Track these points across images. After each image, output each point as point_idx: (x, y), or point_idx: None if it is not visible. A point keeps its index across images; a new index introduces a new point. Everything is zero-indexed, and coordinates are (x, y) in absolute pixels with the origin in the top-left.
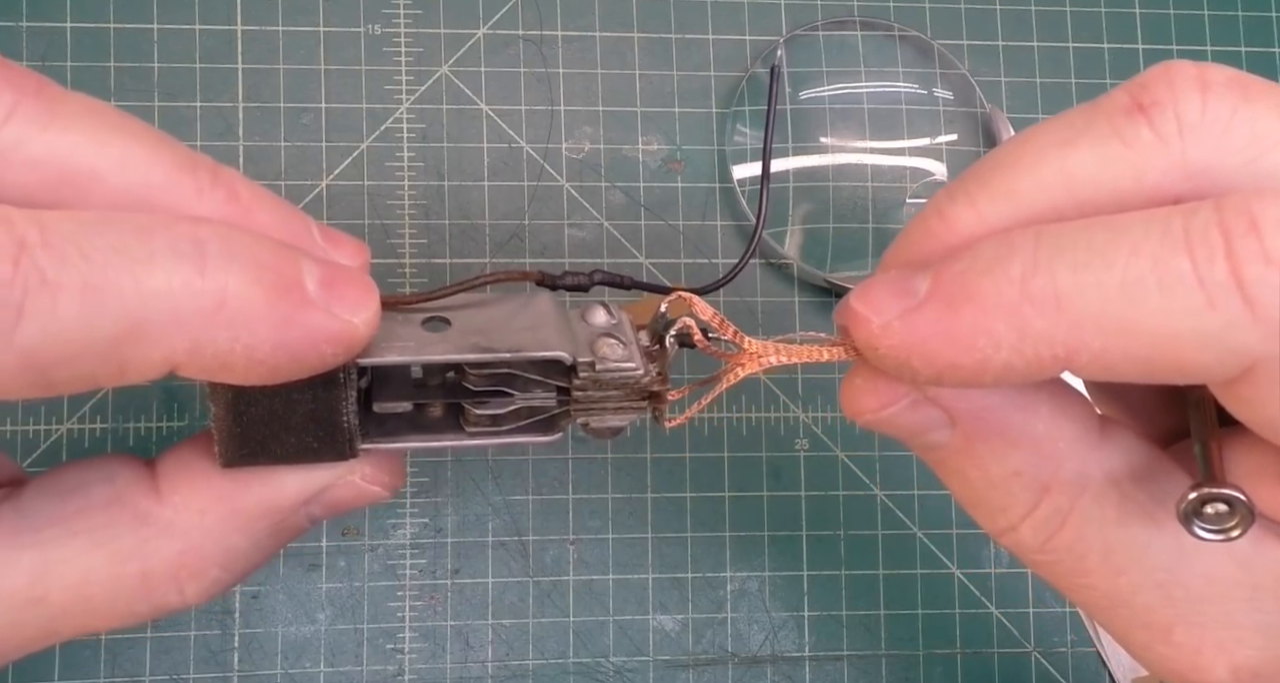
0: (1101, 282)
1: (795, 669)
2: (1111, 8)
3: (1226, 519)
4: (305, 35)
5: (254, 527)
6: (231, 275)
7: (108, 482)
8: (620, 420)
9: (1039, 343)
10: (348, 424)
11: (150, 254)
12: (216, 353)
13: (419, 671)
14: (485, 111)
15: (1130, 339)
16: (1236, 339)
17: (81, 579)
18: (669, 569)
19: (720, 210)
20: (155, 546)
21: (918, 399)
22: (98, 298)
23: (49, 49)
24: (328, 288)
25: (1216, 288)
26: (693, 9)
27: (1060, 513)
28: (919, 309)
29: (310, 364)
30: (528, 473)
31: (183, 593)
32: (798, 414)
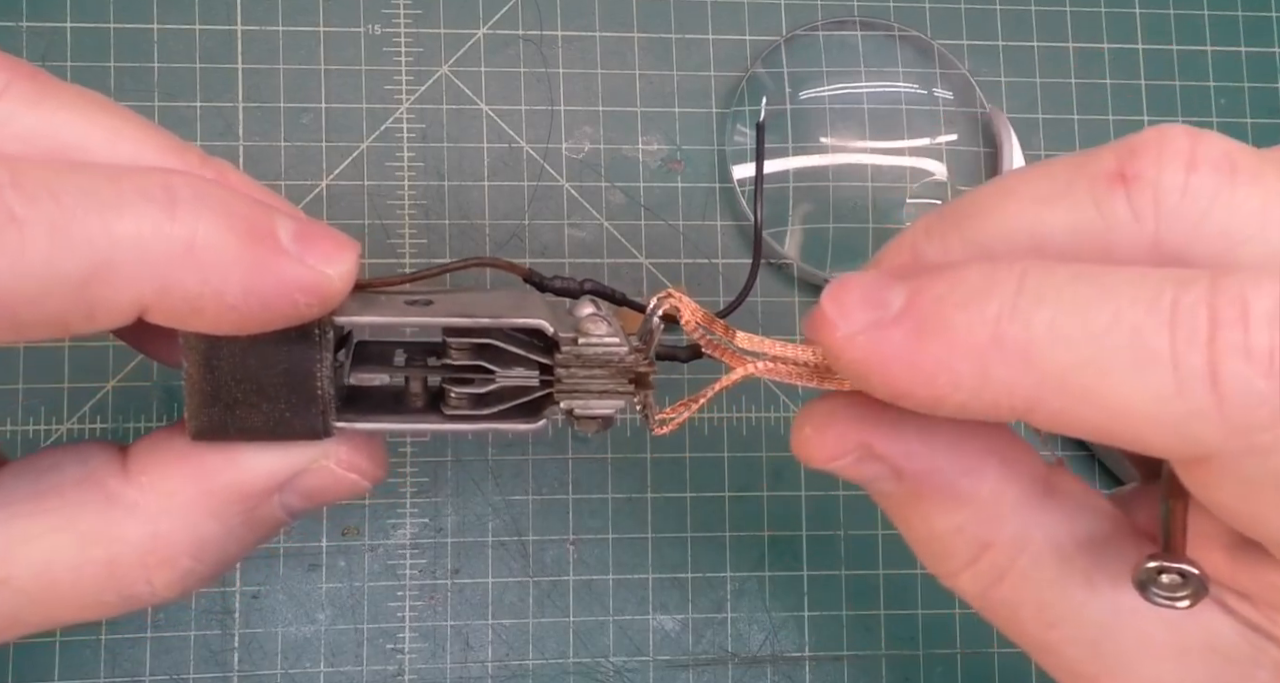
0: (1075, 342)
1: (795, 669)
2: (1111, 8)
3: (1179, 589)
4: (305, 35)
5: (225, 512)
6: (202, 220)
7: (81, 463)
8: (606, 407)
9: (999, 392)
10: (322, 392)
11: (120, 197)
12: (186, 296)
13: (419, 671)
14: (485, 111)
15: (1091, 407)
16: (1198, 430)
17: (46, 561)
18: (669, 569)
19: (720, 210)
20: (122, 529)
21: (864, 455)
22: (65, 237)
23: (49, 49)
24: (301, 240)
25: (1190, 375)
26: (693, 9)
27: (998, 569)
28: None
29: (284, 313)
30: (528, 473)
31: (151, 583)
32: (792, 416)
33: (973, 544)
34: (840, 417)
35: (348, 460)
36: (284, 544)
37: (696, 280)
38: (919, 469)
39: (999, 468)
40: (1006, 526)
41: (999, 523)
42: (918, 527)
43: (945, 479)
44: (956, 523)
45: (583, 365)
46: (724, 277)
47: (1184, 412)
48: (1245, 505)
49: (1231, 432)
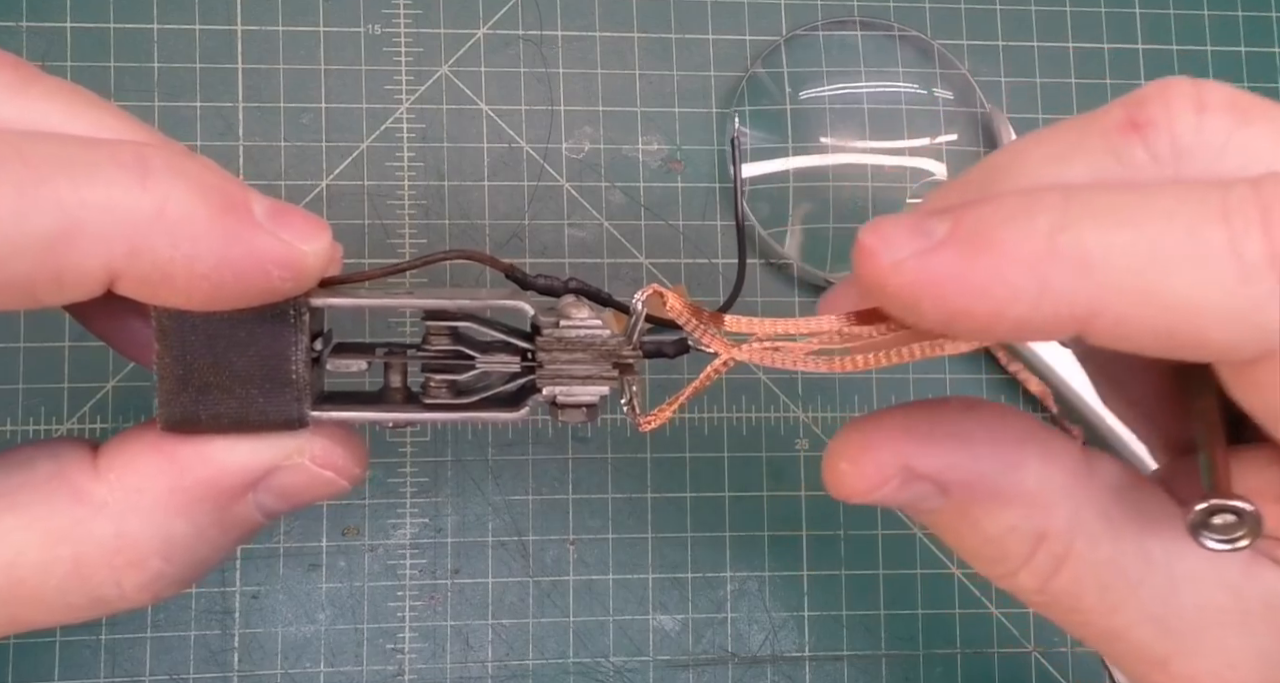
0: (1133, 245)
1: (795, 669)
2: (1111, 8)
3: (1235, 529)
4: (305, 35)
5: (196, 510)
6: (175, 188)
7: (52, 459)
8: (589, 393)
9: (1059, 301)
10: (297, 375)
11: (92, 163)
12: (156, 262)
13: (419, 671)
14: (485, 111)
15: (1155, 308)
16: (1266, 319)
17: (11, 559)
18: (669, 569)
19: (720, 210)
20: (89, 527)
21: (906, 478)
22: (34, 196)
23: (49, 49)
24: (275, 216)
25: (1252, 264)
26: (693, 9)
27: (1056, 558)
28: (936, 249)
29: (258, 286)
30: (528, 473)
31: (120, 586)
32: (798, 414)
33: (1028, 539)
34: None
35: (323, 457)
36: (284, 544)
37: (696, 280)
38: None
39: (1040, 454)
40: (1058, 511)
41: (1050, 510)
42: (969, 536)
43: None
44: (1009, 522)
45: (564, 349)
46: (724, 277)
47: (1251, 302)
48: None
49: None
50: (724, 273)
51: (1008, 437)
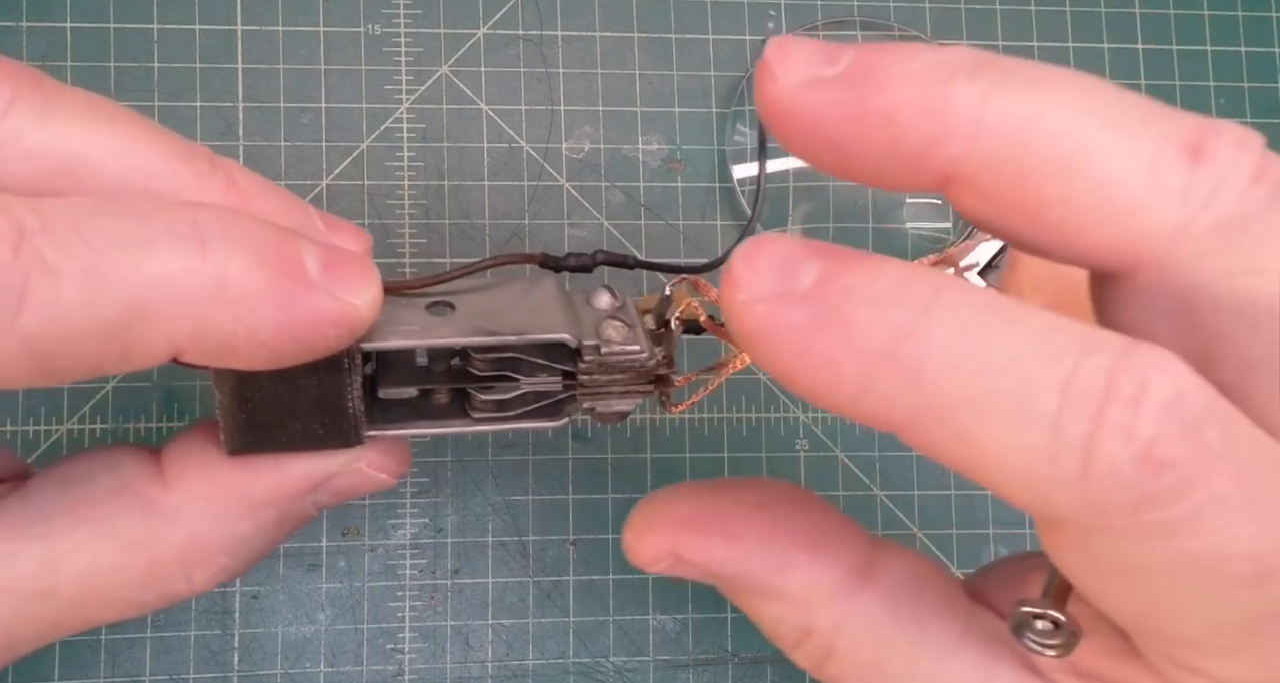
0: (967, 376)
1: (795, 669)
2: (1111, 8)
3: (1052, 636)
4: (305, 35)
5: (260, 514)
6: (232, 258)
7: (113, 470)
8: (626, 404)
9: (878, 403)
10: (353, 410)
11: (150, 238)
12: (220, 335)
13: (419, 671)
14: (485, 111)
15: (962, 445)
16: (1058, 498)
17: (89, 569)
18: None
19: (720, 210)
20: (162, 533)
21: (675, 560)
22: (99, 282)
23: (49, 49)
24: (328, 270)
25: (1066, 443)
26: (693, 9)
27: (823, 652)
28: (789, 304)
29: (314, 347)
30: (528, 473)
31: (190, 580)
32: (798, 414)
33: (795, 631)
34: (654, 525)
35: (378, 462)
36: (284, 544)
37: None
38: (728, 573)
39: (809, 562)
40: (821, 615)
41: (813, 613)
42: (747, 613)
43: (755, 579)
44: (775, 614)
45: (604, 371)
46: None
47: (1049, 477)
48: (1090, 578)
49: (1089, 510)
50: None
51: (784, 538)
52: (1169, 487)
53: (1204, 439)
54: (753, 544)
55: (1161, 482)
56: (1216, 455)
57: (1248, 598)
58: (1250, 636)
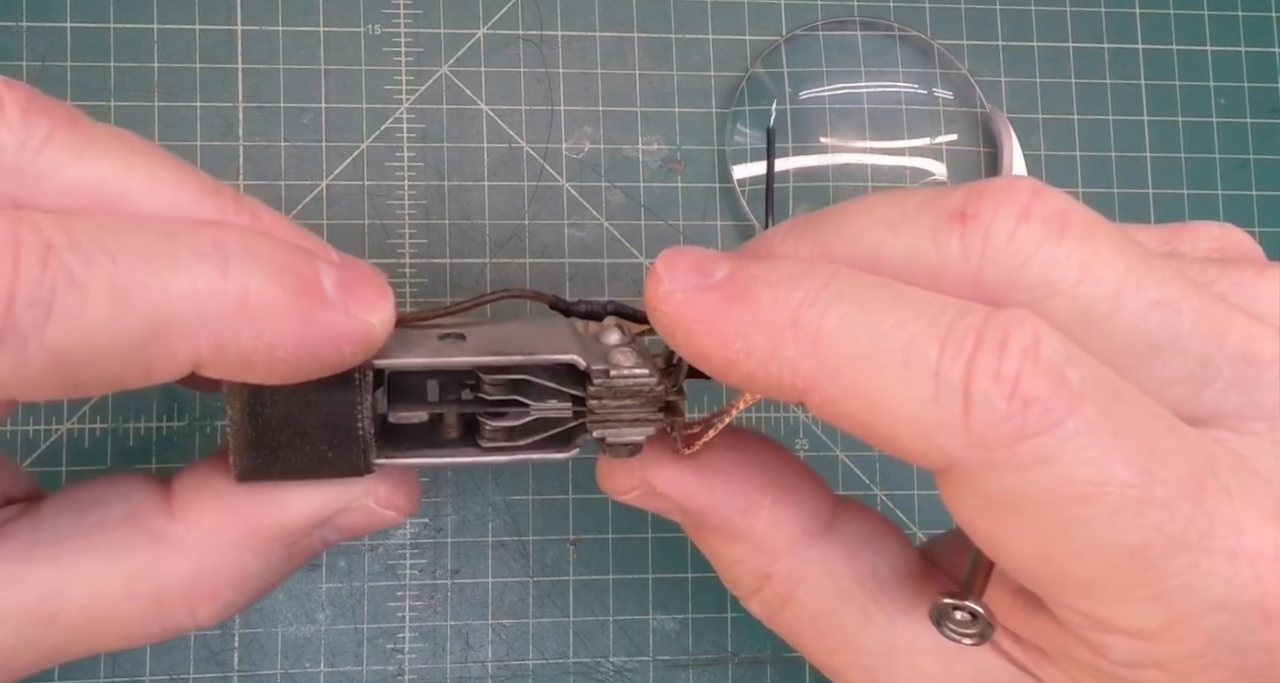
0: (859, 339)
1: (795, 669)
2: (1111, 8)
3: (970, 626)
4: (305, 35)
5: (268, 549)
6: (253, 276)
7: (124, 499)
8: (637, 434)
9: (784, 369)
10: (363, 432)
11: (174, 256)
12: (240, 351)
13: (419, 671)
14: (485, 111)
15: (858, 401)
16: (944, 437)
17: (93, 598)
18: (669, 569)
19: (720, 210)
20: (168, 566)
21: (647, 492)
22: (125, 298)
23: (49, 49)
24: (344, 288)
25: (946, 386)
26: (693, 9)
27: (779, 598)
28: (703, 291)
29: (330, 363)
30: (528, 473)
31: (194, 616)
32: (798, 414)
33: (754, 575)
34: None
35: (387, 498)
36: None
37: None
38: (697, 507)
39: (774, 506)
40: (782, 560)
41: (774, 558)
42: (709, 554)
43: (721, 517)
44: (737, 556)
45: (614, 397)
46: None
47: (935, 418)
48: (989, 525)
49: (971, 443)
50: None
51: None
52: (1036, 418)
53: (1063, 377)
54: (722, 482)
55: (1029, 415)
56: (1077, 392)
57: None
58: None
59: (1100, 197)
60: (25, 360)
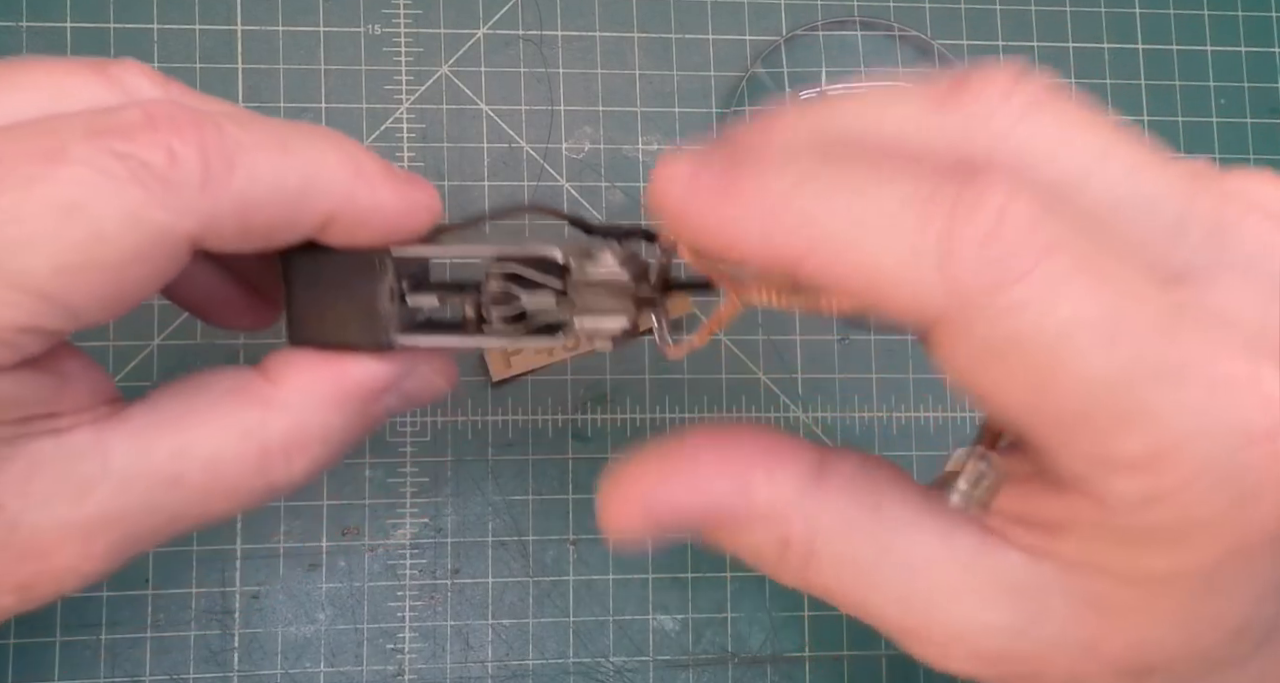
0: (849, 206)
1: (795, 669)
2: (1111, 8)
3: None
4: (305, 35)
5: (348, 406)
6: (360, 153)
7: (226, 379)
8: (612, 324)
9: (779, 245)
10: (383, 311)
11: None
12: (359, 209)
13: (419, 671)
14: (485, 111)
15: (847, 267)
16: (927, 294)
17: (214, 456)
18: (669, 569)
19: None
20: (273, 422)
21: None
22: (284, 158)
23: (49, 49)
24: (409, 175)
25: (928, 243)
26: (693, 9)
27: (803, 558)
28: (704, 178)
29: (413, 225)
30: (528, 473)
31: (290, 467)
32: (798, 414)
33: (774, 546)
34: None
35: (440, 368)
36: (284, 544)
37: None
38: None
39: (766, 475)
40: (794, 520)
41: (785, 521)
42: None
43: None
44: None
45: (589, 288)
46: None
47: (918, 276)
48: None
49: (953, 295)
50: None
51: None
52: (1010, 268)
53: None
54: (710, 477)
55: (1004, 265)
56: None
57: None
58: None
59: None
60: (218, 204)
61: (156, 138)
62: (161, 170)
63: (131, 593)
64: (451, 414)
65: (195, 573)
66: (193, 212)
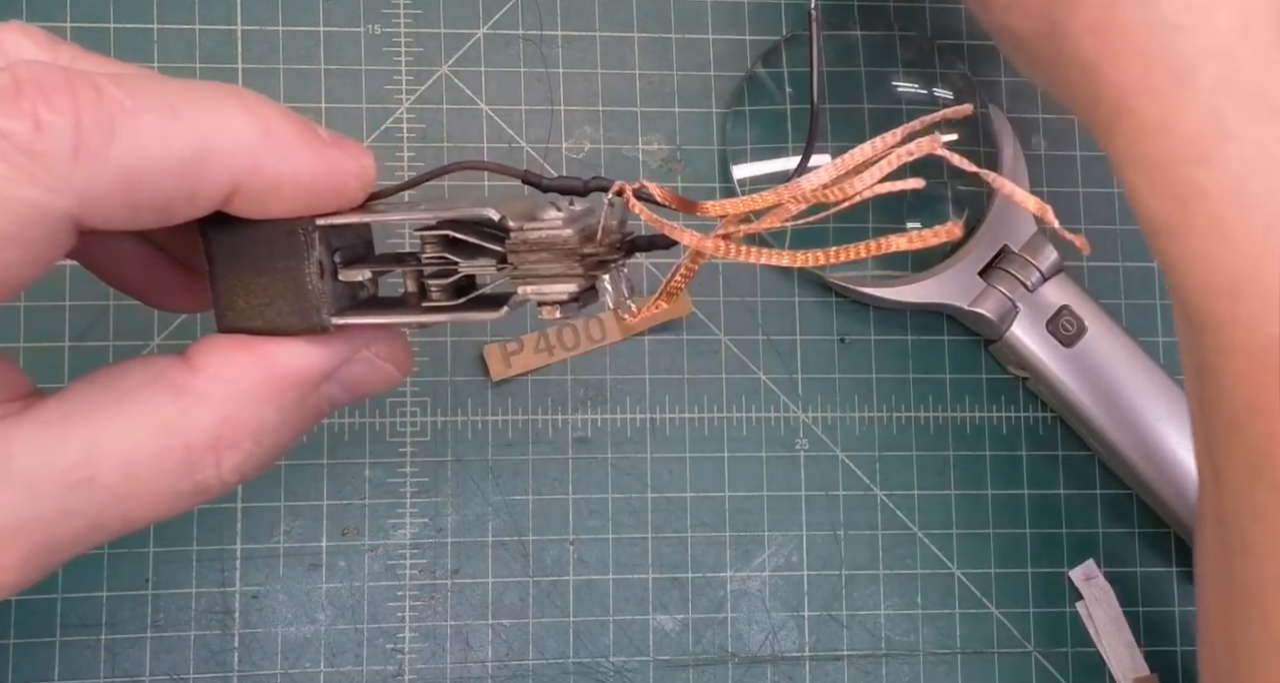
0: None
1: (795, 669)
2: None
3: None
4: (305, 35)
5: (282, 398)
6: (271, 113)
7: (146, 367)
8: (558, 291)
9: None
10: (312, 286)
11: (209, 94)
12: (268, 175)
13: (419, 671)
14: (485, 111)
15: None
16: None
17: (129, 455)
18: (669, 569)
19: None
20: (194, 416)
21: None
22: (173, 121)
23: None
24: (336, 138)
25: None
26: (693, 9)
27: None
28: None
29: (340, 194)
30: (528, 473)
31: (219, 467)
32: (798, 414)
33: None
34: None
35: (385, 353)
36: (284, 544)
37: (697, 280)
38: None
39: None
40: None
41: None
42: None
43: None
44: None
45: (530, 250)
46: (724, 276)
47: None
48: None
49: None
50: (724, 272)
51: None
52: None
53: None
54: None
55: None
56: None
57: None
58: None
59: (1100, 196)
60: (96, 177)
61: (21, 106)
62: (25, 142)
63: (131, 593)
64: (451, 414)
65: (195, 573)
66: (67, 187)
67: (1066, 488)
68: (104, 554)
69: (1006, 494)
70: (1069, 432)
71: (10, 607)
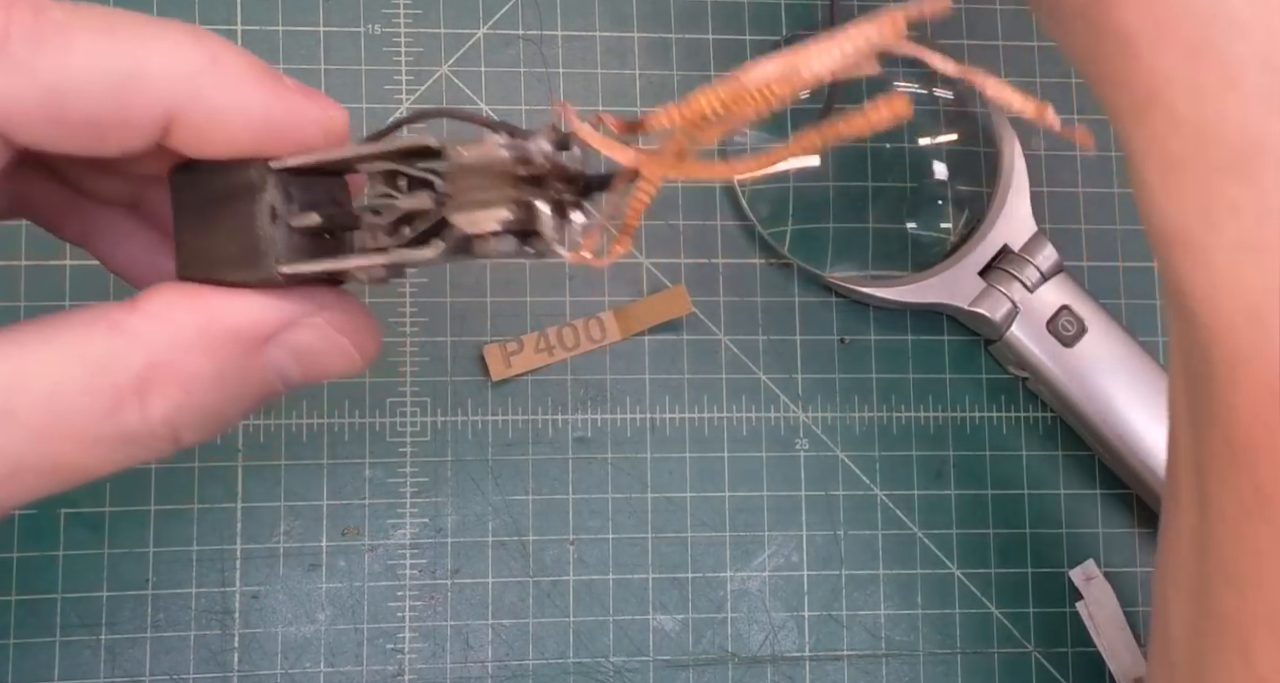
0: None
1: (795, 669)
2: None
3: None
4: (305, 35)
5: (219, 352)
6: (225, 48)
7: (90, 308)
8: (490, 219)
9: None
10: (262, 232)
11: (155, 23)
12: (211, 107)
13: (419, 671)
14: (485, 111)
15: None
16: None
17: (53, 390)
18: (669, 569)
19: (720, 210)
20: (123, 355)
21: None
22: (107, 40)
23: None
24: (306, 89)
25: None
26: (693, 9)
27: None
28: None
29: (299, 140)
30: (528, 473)
31: (144, 411)
32: (798, 414)
33: None
34: None
35: (339, 321)
36: (284, 544)
37: (696, 280)
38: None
39: None
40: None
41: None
42: None
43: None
44: None
45: (464, 175)
46: (724, 276)
47: None
48: None
49: None
50: (724, 272)
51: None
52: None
53: None
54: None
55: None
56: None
57: None
58: None
59: (1100, 197)
60: (18, 85)
61: None
62: None
63: (131, 593)
64: (451, 414)
65: (195, 573)
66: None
67: (1066, 488)
68: (104, 554)
69: (1006, 494)
70: (1069, 432)
71: (10, 607)
